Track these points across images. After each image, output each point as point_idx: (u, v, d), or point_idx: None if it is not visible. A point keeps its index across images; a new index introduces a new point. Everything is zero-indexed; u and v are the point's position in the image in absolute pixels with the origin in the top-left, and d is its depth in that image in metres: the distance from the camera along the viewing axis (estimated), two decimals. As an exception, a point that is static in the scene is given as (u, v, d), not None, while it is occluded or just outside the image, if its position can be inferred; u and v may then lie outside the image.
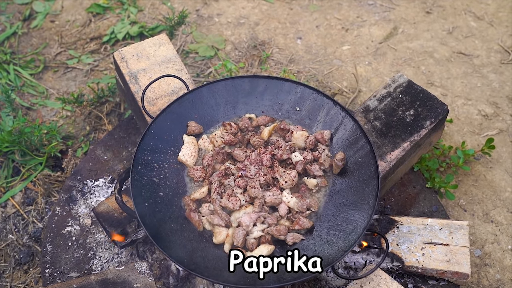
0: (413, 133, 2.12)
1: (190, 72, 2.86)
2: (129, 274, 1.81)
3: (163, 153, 1.91)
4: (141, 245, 2.11)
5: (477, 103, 2.75)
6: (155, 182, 1.84)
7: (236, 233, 1.75)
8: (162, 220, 1.76)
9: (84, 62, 2.92)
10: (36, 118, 2.65)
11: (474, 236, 2.33)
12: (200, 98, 2.02)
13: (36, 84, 2.81)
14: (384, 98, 2.22)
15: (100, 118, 2.67)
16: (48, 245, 2.11)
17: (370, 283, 1.81)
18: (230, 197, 1.79)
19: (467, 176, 2.49)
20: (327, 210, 1.81)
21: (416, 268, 1.97)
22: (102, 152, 2.39)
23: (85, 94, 2.74)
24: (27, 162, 2.48)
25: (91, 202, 2.23)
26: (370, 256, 2.03)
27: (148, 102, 2.18)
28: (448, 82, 2.84)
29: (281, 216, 1.80)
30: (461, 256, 1.97)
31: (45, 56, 2.93)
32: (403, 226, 2.06)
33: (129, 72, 2.26)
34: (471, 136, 2.63)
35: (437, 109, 2.17)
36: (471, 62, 2.92)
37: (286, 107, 2.02)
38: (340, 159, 1.86)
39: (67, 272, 2.05)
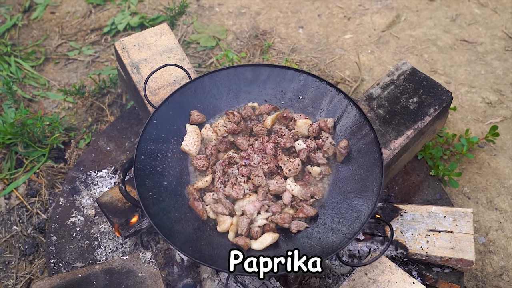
0: (416, 121, 2.12)
1: (192, 62, 2.85)
2: (134, 264, 1.82)
3: (166, 142, 1.91)
4: (145, 235, 2.12)
5: (481, 90, 2.74)
6: (159, 172, 1.85)
7: (240, 221, 1.76)
8: (166, 209, 1.77)
9: (85, 53, 2.92)
10: (38, 110, 2.66)
11: (478, 224, 2.33)
12: (202, 88, 2.01)
13: (37, 76, 2.81)
14: (387, 86, 2.22)
15: (102, 109, 2.67)
16: (52, 236, 2.12)
17: (375, 270, 1.81)
18: (234, 186, 1.79)
19: (471, 164, 2.49)
20: (331, 198, 1.81)
21: (421, 255, 1.98)
22: (104, 143, 2.40)
23: (86, 85, 2.74)
24: (30, 154, 2.48)
25: (95, 193, 2.24)
26: (374, 244, 2.03)
27: (150, 92, 2.18)
28: (452, 70, 2.83)
29: (285, 204, 1.81)
30: (466, 243, 1.98)
31: (46, 48, 2.92)
32: (407, 214, 2.06)
33: (131, 62, 2.26)
34: (475, 123, 2.63)
35: (441, 96, 2.16)
36: (474, 49, 2.91)
37: (289, 96, 2.02)
38: (343, 147, 1.86)
39: (72, 262, 2.06)
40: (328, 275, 2.01)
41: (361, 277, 1.80)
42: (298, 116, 1.96)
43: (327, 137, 1.90)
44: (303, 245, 1.71)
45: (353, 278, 1.81)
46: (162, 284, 1.77)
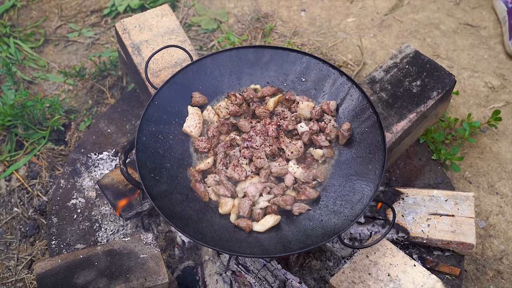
0: (419, 104, 2.10)
1: (193, 45, 2.82)
2: (135, 245, 1.82)
3: (167, 124, 1.90)
4: (146, 217, 2.12)
5: (483, 75, 2.72)
6: (160, 153, 1.84)
7: (242, 203, 1.75)
8: (167, 191, 1.76)
9: (85, 35, 2.89)
10: (38, 92, 2.64)
11: (479, 208, 2.33)
12: (204, 69, 2.00)
13: (37, 58, 2.78)
14: (390, 69, 2.20)
15: (103, 92, 2.65)
16: (53, 218, 2.12)
17: (376, 253, 1.82)
18: (236, 168, 1.78)
19: (473, 149, 2.49)
20: (333, 180, 1.81)
21: (422, 239, 1.98)
22: (105, 125, 2.39)
23: (86, 67, 2.72)
24: (30, 136, 2.47)
25: (96, 175, 2.23)
26: (376, 227, 2.04)
27: (152, 74, 2.16)
28: (455, 54, 2.81)
29: (287, 186, 1.80)
30: (467, 227, 1.98)
31: (45, 29, 2.89)
32: (409, 197, 2.06)
33: (132, 44, 2.24)
34: (477, 108, 2.62)
35: (444, 80, 2.15)
36: (478, 33, 2.88)
37: (291, 78, 2.00)
38: (346, 130, 1.85)
39: (73, 244, 2.07)
40: (329, 258, 2.02)
41: (362, 260, 1.81)
42: (300, 99, 1.95)
43: (329, 119, 1.89)
44: (305, 227, 1.71)
45: (355, 260, 1.81)
46: (163, 266, 1.77)
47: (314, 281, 1.96)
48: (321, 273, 1.99)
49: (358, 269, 1.79)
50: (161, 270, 1.76)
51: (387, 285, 1.75)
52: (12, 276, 2.15)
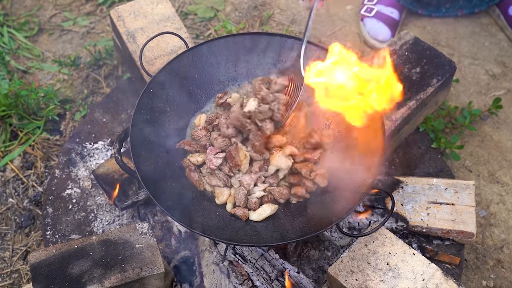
0: (419, 92, 2.08)
1: (189, 33, 2.79)
2: (131, 235, 1.80)
3: (162, 112, 1.88)
4: (142, 207, 2.11)
5: (484, 62, 2.69)
6: (155, 142, 1.82)
7: (237, 192, 1.74)
8: (163, 179, 1.74)
9: (80, 24, 2.86)
10: (32, 81, 2.61)
11: (479, 197, 2.32)
12: (200, 56, 1.97)
13: (31, 47, 2.75)
14: (389, 55, 2.17)
15: (98, 81, 2.62)
16: (48, 208, 2.10)
17: (375, 242, 1.80)
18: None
19: (473, 137, 2.46)
20: (332, 169, 1.79)
21: (421, 227, 1.96)
22: (100, 115, 2.36)
23: (82, 57, 2.69)
24: (25, 126, 2.45)
25: (91, 165, 2.21)
26: (375, 216, 2.02)
27: (147, 62, 2.13)
28: (455, 41, 2.78)
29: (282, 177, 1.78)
30: (467, 216, 1.96)
31: (39, 18, 2.86)
32: (408, 186, 2.04)
33: (126, 31, 2.21)
34: (478, 96, 2.59)
35: (444, 67, 2.12)
36: (479, 20, 2.85)
37: (288, 65, 1.98)
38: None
39: (68, 234, 2.05)
40: (328, 248, 2.00)
41: (361, 249, 1.79)
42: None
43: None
44: (302, 216, 1.70)
45: (353, 249, 1.79)
46: (159, 255, 1.75)
47: (312, 271, 1.95)
48: (320, 262, 1.97)
49: (356, 258, 1.77)
50: (157, 260, 1.74)
51: (386, 274, 1.73)
52: (7, 267, 2.14)
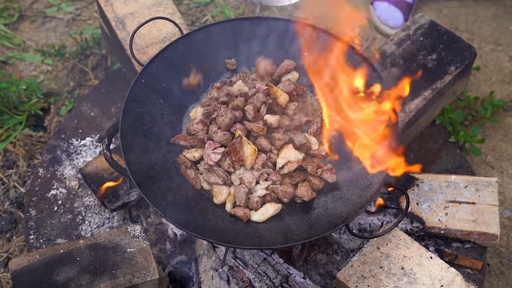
0: (435, 80, 2.08)
1: (184, 19, 2.80)
2: (122, 238, 1.81)
3: (155, 104, 1.88)
4: (134, 208, 2.11)
5: (508, 48, 2.69)
6: (148, 137, 1.82)
7: (238, 191, 1.74)
8: (156, 177, 1.75)
9: (64, 10, 2.87)
10: (13, 72, 2.62)
11: (503, 196, 2.31)
12: (196, 44, 1.97)
13: (11, 36, 2.76)
14: (402, 41, 2.17)
15: (85, 72, 2.63)
16: (31, 210, 2.11)
17: (388, 244, 1.80)
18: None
19: (496, 130, 2.46)
20: (340, 164, 1.79)
21: (439, 229, 1.96)
22: (88, 108, 2.37)
23: (67, 46, 2.70)
24: (5, 121, 2.45)
25: (78, 163, 2.22)
26: (387, 217, 2.02)
27: (138, 51, 2.14)
28: (475, 26, 2.77)
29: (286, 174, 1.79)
30: (489, 216, 1.96)
31: (20, 4, 2.87)
32: (424, 183, 2.04)
33: (115, 17, 2.21)
34: (501, 85, 2.59)
35: (464, 53, 2.12)
36: (501, 2, 2.85)
37: (292, 52, 1.98)
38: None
39: (53, 238, 2.06)
40: (336, 251, 2.00)
41: (372, 252, 1.79)
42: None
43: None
44: (308, 216, 1.70)
45: (364, 253, 1.79)
46: (153, 260, 1.75)
47: (319, 276, 1.95)
48: (328, 267, 1.97)
49: (368, 262, 1.77)
50: (151, 265, 1.75)
51: (401, 279, 1.73)
52: (-12, 275, 2.15)
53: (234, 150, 1.72)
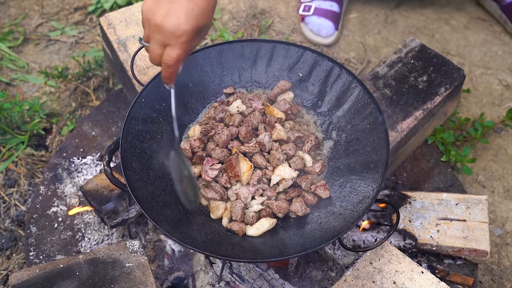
0: (426, 101, 2.15)
1: (184, 43, 2.88)
2: (121, 253, 1.85)
3: (155, 123, 1.95)
4: (134, 225, 2.16)
5: (497, 72, 2.77)
6: (147, 154, 1.88)
7: (234, 206, 1.79)
8: (154, 193, 1.80)
9: (68, 34, 2.96)
10: (16, 94, 2.69)
11: (494, 214, 2.37)
12: (195, 65, 2.05)
13: (15, 58, 2.85)
14: (394, 64, 2.25)
15: (87, 93, 2.71)
16: (32, 227, 2.16)
17: (381, 259, 1.85)
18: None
19: (486, 150, 2.53)
20: (333, 180, 1.85)
21: (431, 245, 2.01)
22: (89, 128, 2.43)
23: (70, 68, 2.77)
24: (8, 141, 2.52)
25: (79, 181, 2.28)
26: (381, 233, 2.07)
27: (139, 72, 2.21)
28: (466, 50, 2.87)
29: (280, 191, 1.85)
30: (480, 232, 2.01)
31: (24, 28, 2.96)
32: (416, 201, 2.10)
33: (117, 40, 2.30)
34: (491, 107, 2.66)
35: (453, 75, 2.20)
36: (491, 28, 2.95)
37: (287, 73, 2.06)
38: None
39: (53, 255, 2.10)
40: (331, 268, 2.05)
41: (365, 267, 1.84)
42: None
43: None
44: (302, 230, 1.75)
45: (357, 267, 1.84)
46: (151, 275, 1.80)
47: (314, 292, 1.99)
48: (323, 283, 2.01)
49: (361, 276, 1.82)
50: (149, 280, 1.79)
51: (393, 294, 1.77)
52: (-13, 291, 2.18)
53: (230, 166, 1.78)
